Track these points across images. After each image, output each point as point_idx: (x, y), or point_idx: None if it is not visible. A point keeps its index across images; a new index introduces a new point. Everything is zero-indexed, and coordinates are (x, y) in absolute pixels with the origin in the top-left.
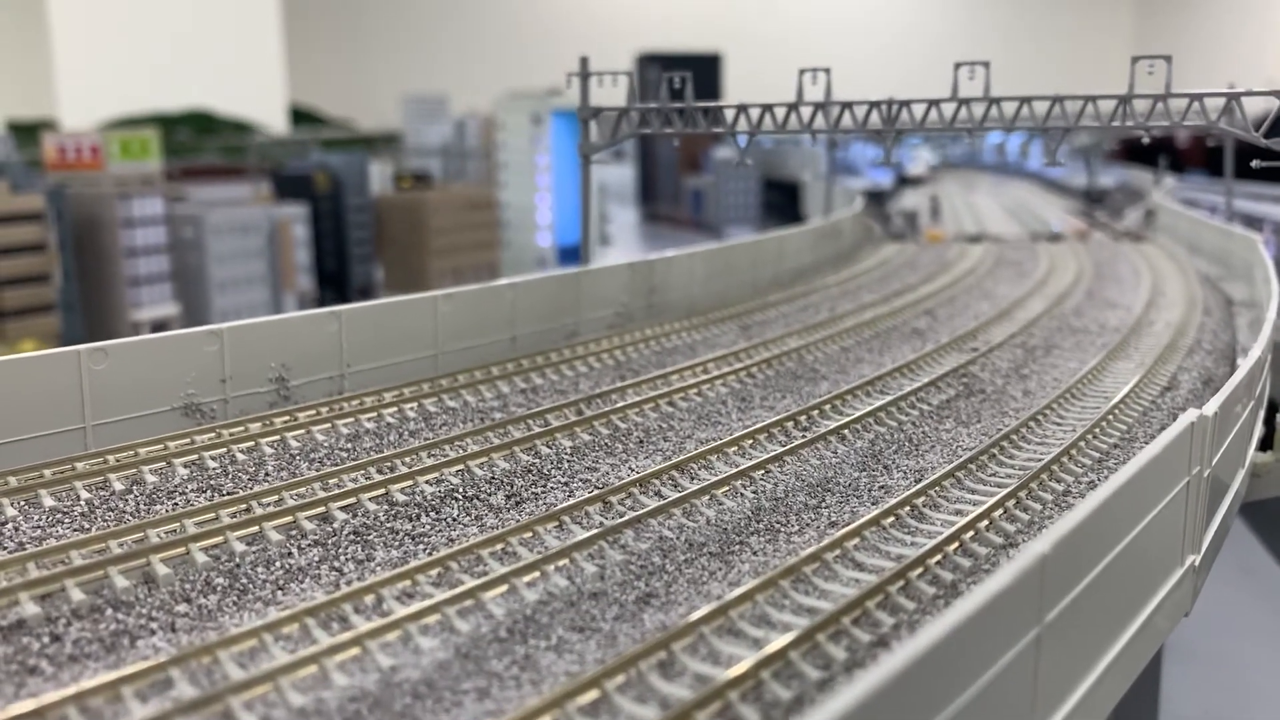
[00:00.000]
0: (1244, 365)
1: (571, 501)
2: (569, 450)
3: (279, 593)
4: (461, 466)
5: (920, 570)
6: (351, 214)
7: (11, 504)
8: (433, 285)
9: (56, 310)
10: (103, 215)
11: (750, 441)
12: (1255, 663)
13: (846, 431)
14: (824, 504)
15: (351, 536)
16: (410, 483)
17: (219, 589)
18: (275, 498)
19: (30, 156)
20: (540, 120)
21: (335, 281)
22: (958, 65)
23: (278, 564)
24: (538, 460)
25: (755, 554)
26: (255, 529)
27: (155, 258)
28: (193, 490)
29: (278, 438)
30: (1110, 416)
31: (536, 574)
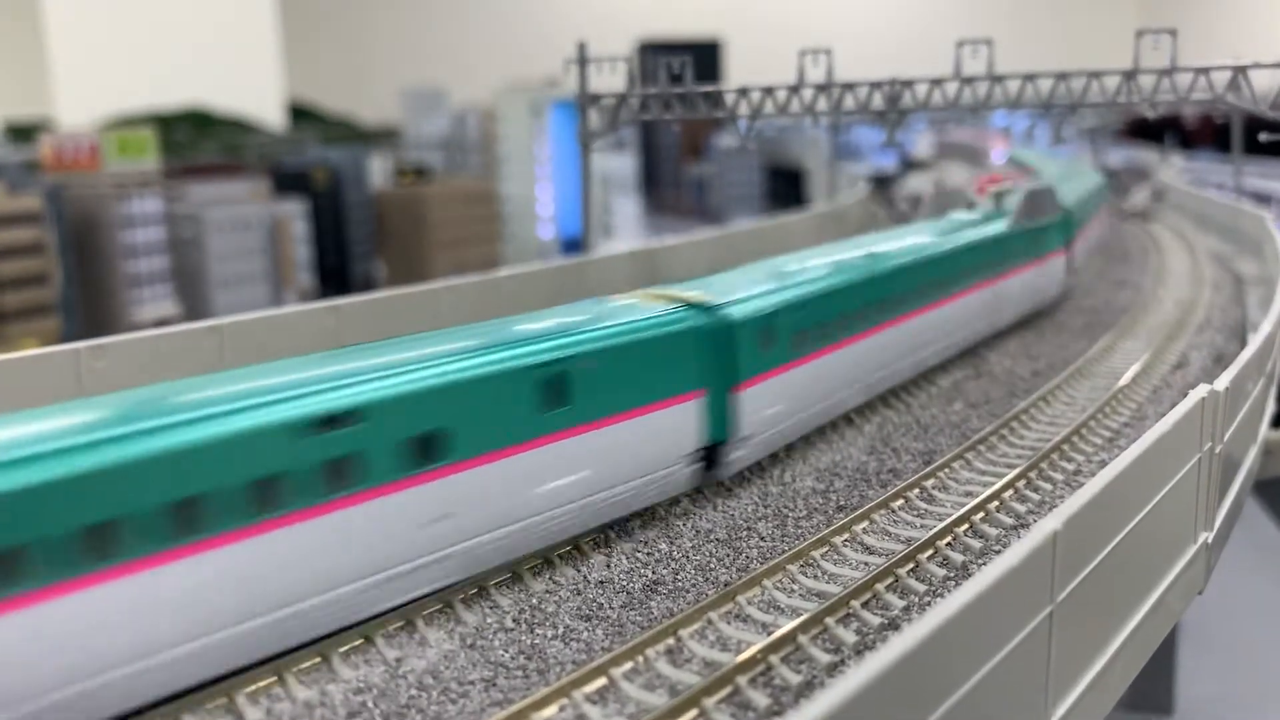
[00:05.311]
0: (1254, 341)
1: None
2: None
3: None
4: None
5: (930, 552)
6: (351, 209)
7: None
8: (435, 280)
9: (57, 312)
10: (101, 215)
11: None
12: (1272, 643)
13: (854, 415)
14: (832, 489)
15: None
16: None
17: None
18: None
19: (27, 157)
20: (540, 111)
21: (336, 278)
22: (960, 43)
23: None
24: None
25: (763, 540)
26: None
27: (154, 257)
28: None
29: None
30: (1120, 395)
31: (541, 561)
